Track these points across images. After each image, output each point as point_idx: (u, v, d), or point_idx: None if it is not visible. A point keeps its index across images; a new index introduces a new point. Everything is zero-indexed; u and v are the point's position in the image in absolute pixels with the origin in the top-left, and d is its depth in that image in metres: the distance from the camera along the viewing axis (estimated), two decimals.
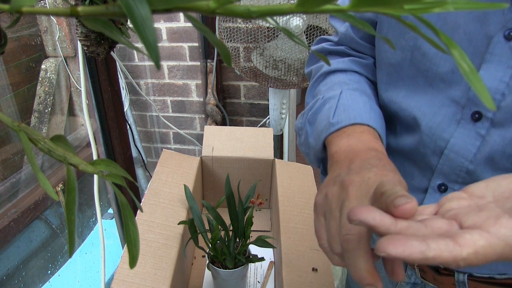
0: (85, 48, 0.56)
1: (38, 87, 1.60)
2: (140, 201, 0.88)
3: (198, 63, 1.79)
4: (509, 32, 0.41)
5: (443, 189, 0.50)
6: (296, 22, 1.12)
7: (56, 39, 1.58)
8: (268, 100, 1.63)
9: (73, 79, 1.67)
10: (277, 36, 1.18)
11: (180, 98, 1.91)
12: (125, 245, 0.39)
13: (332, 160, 0.45)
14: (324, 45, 0.64)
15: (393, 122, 0.55)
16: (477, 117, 0.45)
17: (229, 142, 0.96)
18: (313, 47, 0.68)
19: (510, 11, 0.41)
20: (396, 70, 0.51)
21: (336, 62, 0.59)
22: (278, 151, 1.58)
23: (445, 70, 0.46)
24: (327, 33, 1.16)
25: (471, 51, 0.44)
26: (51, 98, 1.62)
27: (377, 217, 0.28)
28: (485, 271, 0.51)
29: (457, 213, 0.29)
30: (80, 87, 1.04)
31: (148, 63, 1.85)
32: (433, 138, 0.48)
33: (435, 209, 0.32)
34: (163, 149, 0.92)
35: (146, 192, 0.79)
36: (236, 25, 1.22)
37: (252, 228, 0.73)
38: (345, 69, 0.58)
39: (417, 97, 0.49)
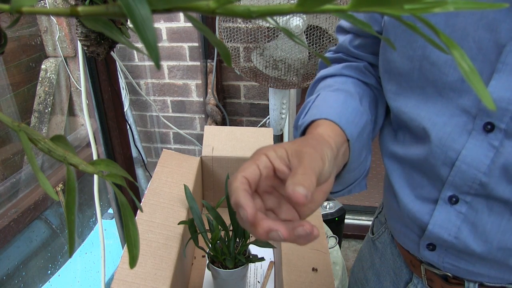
0: (85, 48, 0.56)
1: (38, 87, 1.60)
2: (140, 201, 0.88)
3: (198, 63, 1.79)
4: None
5: (454, 200, 0.48)
6: (296, 22, 1.12)
7: (56, 39, 1.58)
8: (268, 100, 1.63)
9: (73, 79, 1.67)
10: (277, 36, 1.18)
11: (180, 98, 1.91)
12: (125, 245, 0.39)
13: None
14: (327, 54, 0.66)
15: (403, 131, 0.54)
16: (489, 128, 0.44)
17: (229, 142, 0.96)
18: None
19: None
20: (405, 80, 0.50)
21: (328, 69, 0.60)
22: None
23: (454, 79, 0.45)
24: (327, 33, 1.16)
25: (481, 59, 0.43)
26: (51, 98, 1.62)
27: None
28: (496, 281, 0.51)
29: None
30: (80, 87, 1.04)
31: (148, 63, 1.85)
32: (443, 149, 0.47)
33: None
34: (163, 149, 0.92)
35: (146, 192, 0.78)
36: (236, 25, 1.22)
37: None
38: (334, 74, 0.59)
39: (427, 107, 0.48)
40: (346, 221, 1.71)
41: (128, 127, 1.21)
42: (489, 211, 0.47)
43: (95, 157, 0.93)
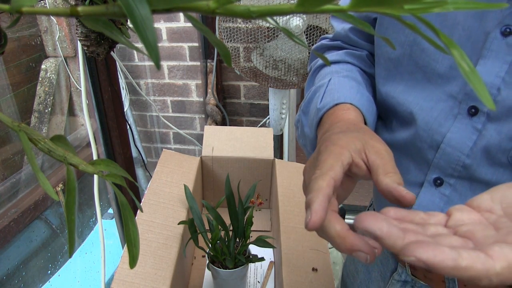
0: (85, 48, 0.56)
1: (38, 87, 1.60)
2: (140, 201, 0.88)
3: (198, 63, 1.79)
4: (506, 28, 0.42)
5: (438, 183, 0.50)
6: (296, 22, 1.12)
7: (56, 39, 1.58)
8: (268, 100, 1.63)
9: (73, 79, 1.67)
10: (277, 36, 1.18)
11: (180, 98, 1.91)
12: (125, 245, 0.39)
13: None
14: (323, 41, 0.67)
15: (390, 117, 0.56)
16: (473, 111, 0.45)
17: (229, 142, 0.96)
18: (314, 46, 0.71)
19: (506, 8, 0.41)
20: (395, 65, 0.52)
21: (331, 55, 0.62)
22: (278, 151, 1.58)
23: (443, 66, 0.47)
24: (327, 33, 1.16)
25: (470, 47, 0.44)
26: (51, 98, 1.62)
27: (384, 228, 0.26)
28: None
29: (471, 230, 0.28)
30: (80, 87, 1.04)
31: (148, 63, 1.85)
32: (430, 132, 0.49)
33: (443, 219, 0.31)
34: (163, 149, 0.92)
35: (146, 192, 0.78)
36: (236, 25, 1.22)
37: (252, 228, 0.73)
38: (338, 61, 0.60)
39: (415, 92, 0.50)
40: (346, 221, 1.70)
41: (128, 127, 1.21)
42: (472, 193, 0.48)
43: (95, 157, 0.93)
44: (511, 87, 0.42)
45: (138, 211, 0.77)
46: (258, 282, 0.81)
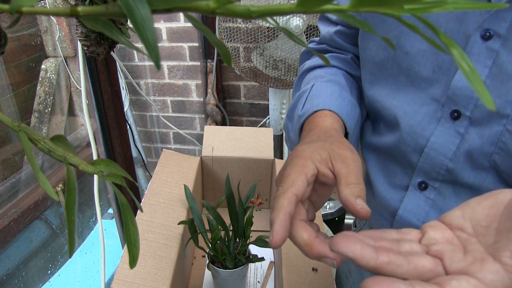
0: (85, 48, 0.56)
1: (38, 87, 1.60)
2: (140, 201, 0.88)
3: (198, 63, 1.79)
4: (485, 32, 0.42)
5: (423, 186, 0.50)
6: (296, 22, 1.12)
7: (56, 39, 1.58)
8: (268, 100, 1.63)
9: (73, 79, 1.67)
10: (277, 36, 1.18)
11: (180, 98, 1.91)
12: (125, 245, 0.39)
13: None
14: (310, 45, 0.67)
15: (377, 120, 0.56)
16: (456, 115, 0.46)
17: (229, 142, 0.96)
18: (302, 50, 0.71)
19: (486, 11, 0.41)
20: (380, 68, 0.52)
21: (316, 59, 0.62)
22: (278, 151, 1.58)
23: (426, 69, 0.47)
24: None
25: None
26: (51, 98, 1.62)
27: (357, 250, 0.27)
28: None
29: (442, 250, 0.29)
30: (80, 87, 1.04)
31: (148, 63, 1.85)
32: (414, 136, 0.49)
33: (418, 236, 0.31)
34: (163, 149, 0.92)
35: (146, 192, 0.78)
36: (236, 25, 1.22)
37: (252, 228, 0.73)
38: (323, 65, 0.61)
39: (399, 96, 0.50)
40: (346, 221, 1.71)
41: (128, 127, 1.21)
42: (456, 196, 0.48)
43: (95, 157, 0.93)
44: (492, 91, 0.42)
45: (138, 211, 0.77)
46: (258, 282, 0.81)
